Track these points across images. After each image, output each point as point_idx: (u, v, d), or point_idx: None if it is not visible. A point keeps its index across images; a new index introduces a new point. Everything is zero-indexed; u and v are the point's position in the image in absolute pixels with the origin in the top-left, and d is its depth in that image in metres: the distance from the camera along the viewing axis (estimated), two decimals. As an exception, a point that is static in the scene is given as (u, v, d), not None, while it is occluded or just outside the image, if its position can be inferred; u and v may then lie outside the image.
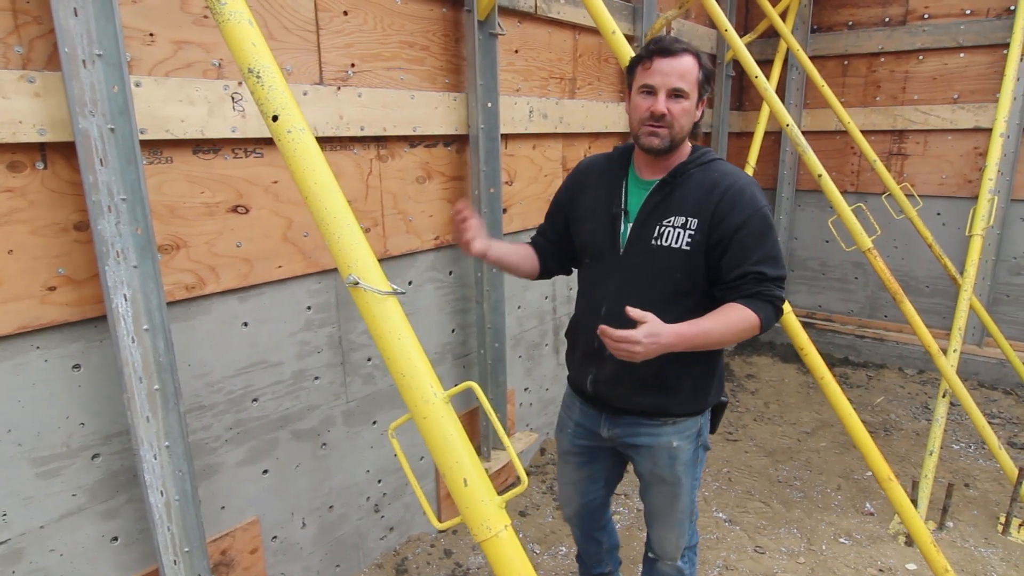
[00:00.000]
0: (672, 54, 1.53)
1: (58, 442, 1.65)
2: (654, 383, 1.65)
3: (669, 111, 1.54)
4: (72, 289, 1.61)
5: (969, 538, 2.80)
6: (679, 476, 1.75)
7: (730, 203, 1.56)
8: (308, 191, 0.95)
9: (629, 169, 1.73)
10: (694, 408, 1.71)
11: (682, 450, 1.72)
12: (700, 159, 1.64)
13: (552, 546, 2.76)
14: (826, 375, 1.94)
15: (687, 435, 1.72)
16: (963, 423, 3.80)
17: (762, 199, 1.60)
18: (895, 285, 2.92)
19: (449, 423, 0.88)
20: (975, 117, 4.17)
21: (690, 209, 1.59)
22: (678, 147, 1.62)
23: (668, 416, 1.71)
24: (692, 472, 1.77)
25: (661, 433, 1.71)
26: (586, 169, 1.84)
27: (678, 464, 1.73)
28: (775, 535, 2.83)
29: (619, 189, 1.71)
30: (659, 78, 1.54)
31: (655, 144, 1.58)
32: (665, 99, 1.54)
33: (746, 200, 1.57)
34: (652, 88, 1.55)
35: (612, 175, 1.74)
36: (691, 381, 1.68)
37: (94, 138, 1.52)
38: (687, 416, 1.71)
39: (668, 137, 1.57)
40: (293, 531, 2.26)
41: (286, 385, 2.14)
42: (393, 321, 0.92)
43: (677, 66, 1.53)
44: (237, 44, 0.97)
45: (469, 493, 0.84)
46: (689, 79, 1.54)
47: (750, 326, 1.53)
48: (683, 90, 1.54)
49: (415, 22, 2.34)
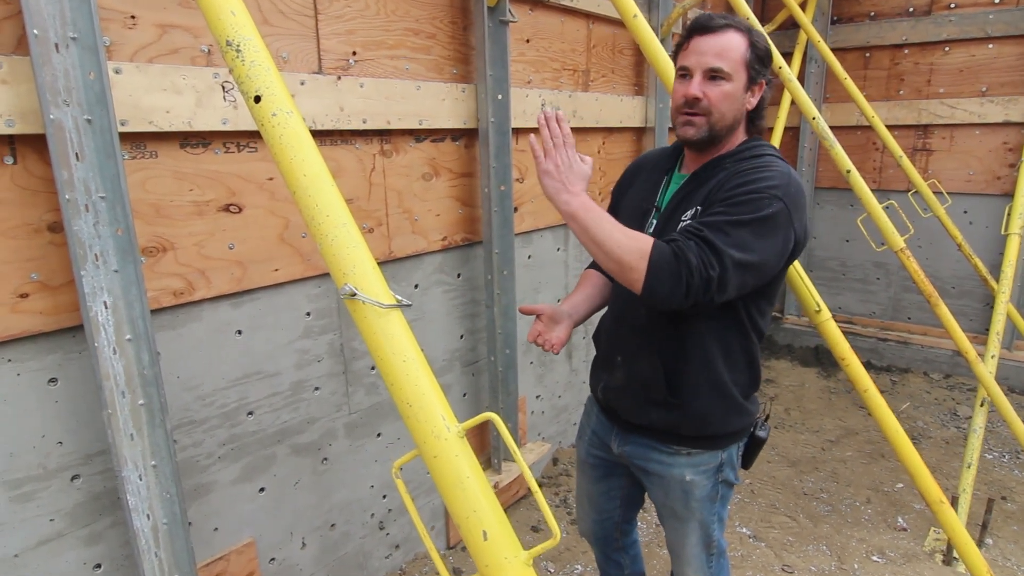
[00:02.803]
0: (711, 31, 1.34)
1: (33, 463, 1.51)
2: (661, 398, 1.50)
3: (705, 95, 1.35)
4: (47, 296, 1.47)
5: (1011, 556, 2.63)
6: (693, 511, 1.58)
7: (733, 179, 1.33)
8: (296, 184, 0.80)
9: (676, 164, 1.57)
10: (710, 436, 1.52)
11: (697, 485, 1.55)
12: (744, 153, 1.42)
13: (567, 564, 2.61)
14: (870, 387, 1.78)
15: (703, 470, 1.54)
16: (995, 431, 3.62)
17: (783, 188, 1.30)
18: (930, 287, 2.75)
19: (465, 463, 0.72)
20: (1004, 111, 3.99)
21: (701, 198, 1.39)
22: (723, 139, 1.42)
23: (680, 441, 1.53)
24: (709, 508, 1.58)
25: (674, 464, 1.54)
26: (639, 164, 1.70)
27: (692, 500, 1.56)
28: (803, 552, 2.67)
29: (659, 184, 1.55)
30: (694, 58, 1.35)
31: (690, 134, 1.40)
32: (701, 82, 1.35)
33: (756, 177, 1.31)
34: (688, 70, 1.37)
35: (660, 170, 1.58)
36: (704, 402, 1.49)
37: (68, 130, 1.38)
38: (703, 449, 1.53)
39: (705, 126, 1.38)
40: (292, 552, 2.11)
41: (284, 397, 2.00)
42: (397, 339, 0.77)
43: (715, 44, 1.33)
44: (214, 13, 0.83)
45: (489, 549, 0.69)
46: (731, 57, 1.34)
47: (635, 248, 1.24)
48: (722, 70, 1.34)
49: (421, 8, 2.19)
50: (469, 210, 2.52)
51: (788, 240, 1.34)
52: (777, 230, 1.30)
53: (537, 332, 1.56)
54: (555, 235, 3.05)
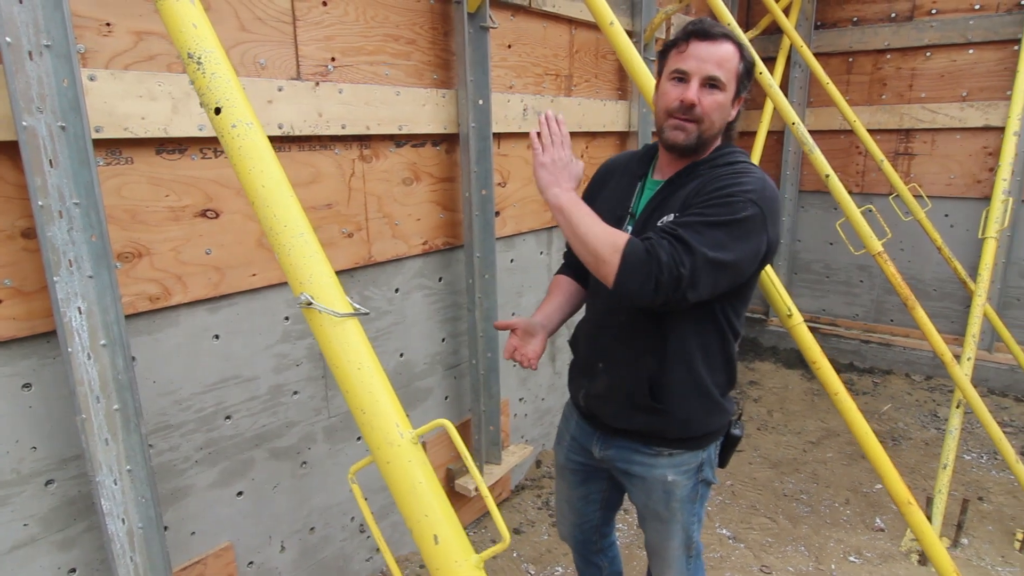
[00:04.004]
0: (711, 38, 1.35)
1: (7, 468, 1.51)
2: (645, 404, 1.51)
3: (701, 103, 1.36)
4: (20, 302, 1.48)
5: (985, 556, 2.67)
6: (674, 512, 1.60)
7: (711, 183, 1.36)
8: (255, 194, 0.81)
9: (649, 169, 1.57)
10: (692, 437, 1.55)
11: (678, 485, 1.57)
12: (718, 160, 1.44)
13: (548, 566, 2.62)
14: (840, 391, 1.81)
15: (684, 470, 1.57)
16: (974, 432, 3.66)
17: (758, 193, 1.32)
18: (906, 291, 2.79)
19: (417, 468, 0.74)
20: (985, 115, 4.04)
21: (678, 204, 1.41)
22: (705, 147, 1.44)
23: (663, 443, 1.55)
24: (690, 509, 1.61)
25: (656, 465, 1.56)
26: (609, 168, 1.71)
27: (673, 500, 1.59)
28: (782, 553, 2.70)
29: (632, 190, 1.56)
30: (694, 63, 1.35)
31: (679, 140, 1.40)
32: (698, 88, 1.36)
33: (732, 182, 1.33)
34: (685, 74, 1.37)
35: (632, 175, 1.59)
36: (688, 405, 1.51)
37: (42, 137, 1.39)
38: (685, 449, 1.56)
39: (696, 132, 1.39)
40: (271, 555, 2.12)
41: (262, 401, 2.01)
42: (352, 348, 0.78)
43: (716, 52, 1.35)
44: (175, 25, 0.84)
45: (440, 552, 0.71)
46: (728, 68, 1.36)
47: (611, 243, 1.29)
48: (719, 80, 1.36)
49: (401, 14, 2.20)
50: (450, 214, 2.54)
51: (762, 243, 1.36)
52: (751, 233, 1.33)
53: (512, 348, 1.57)
54: (538, 239, 3.07)
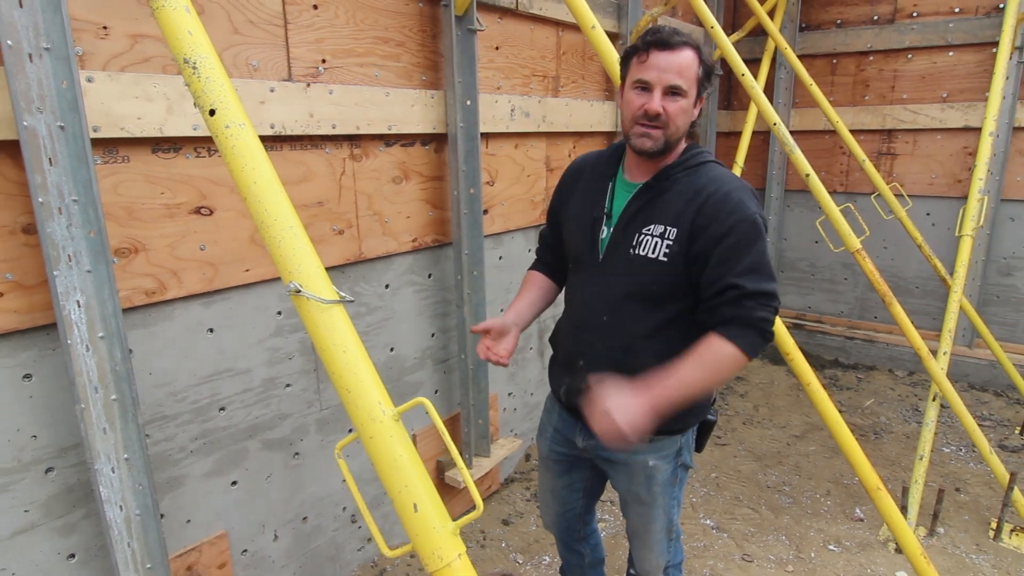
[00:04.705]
0: (671, 47, 1.41)
1: (8, 456, 1.57)
2: None
3: (665, 111, 1.43)
4: (21, 295, 1.53)
5: (960, 544, 2.75)
6: (656, 496, 1.68)
7: (712, 211, 1.44)
8: (247, 191, 0.87)
9: (619, 169, 1.63)
10: (672, 426, 1.60)
11: (659, 470, 1.65)
12: (689, 161, 1.52)
13: (535, 556, 2.69)
14: (813, 381, 1.88)
15: (665, 454, 1.64)
16: (954, 426, 3.75)
17: (752, 206, 1.46)
18: (884, 287, 2.87)
19: (398, 443, 0.80)
20: (964, 116, 4.13)
21: (670, 217, 1.48)
22: (672, 149, 1.51)
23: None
24: (670, 492, 1.69)
25: (637, 450, 1.63)
26: (577, 168, 1.75)
27: (655, 484, 1.66)
28: (763, 542, 2.77)
29: (605, 190, 1.61)
30: (655, 74, 1.42)
31: (647, 146, 1.47)
32: (661, 97, 1.43)
33: (731, 207, 1.44)
34: (647, 84, 1.43)
35: (601, 175, 1.64)
36: None
37: (42, 136, 1.45)
38: (665, 434, 1.62)
39: (662, 139, 1.46)
40: (264, 544, 2.18)
41: (256, 393, 2.07)
42: (338, 332, 0.85)
43: (675, 61, 1.41)
44: (172, 32, 0.90)
45: (419, 520, 0.77)
46: (688, 75, 1.42)
47: (732, 363, 1.42)
48: (681, 88, 1.42)
49: (390, 17, 2.27)
50: (440, 212, 2.60)
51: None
52: (765, 238, 1.48)
53: (485, 347, 1.63)
54: (526, 236, 3.13)
